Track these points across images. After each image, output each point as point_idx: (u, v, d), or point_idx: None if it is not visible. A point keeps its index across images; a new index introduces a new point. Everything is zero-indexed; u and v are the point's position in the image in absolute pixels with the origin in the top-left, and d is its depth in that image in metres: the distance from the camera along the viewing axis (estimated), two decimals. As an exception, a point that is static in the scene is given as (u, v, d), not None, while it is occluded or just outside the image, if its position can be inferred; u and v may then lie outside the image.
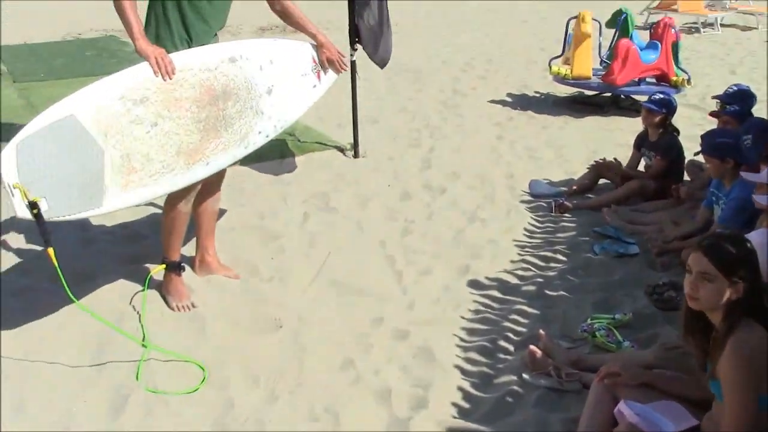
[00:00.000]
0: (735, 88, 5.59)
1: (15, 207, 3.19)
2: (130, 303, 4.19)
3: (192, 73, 3.77)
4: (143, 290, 4.15)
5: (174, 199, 3.93)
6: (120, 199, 3.52)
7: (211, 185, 4.23)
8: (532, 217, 5.36)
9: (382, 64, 6.86)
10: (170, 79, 3.67)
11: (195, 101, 3.76)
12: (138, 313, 4.10)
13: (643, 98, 6.54)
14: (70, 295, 3.45)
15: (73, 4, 22.10)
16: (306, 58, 4.39)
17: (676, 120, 5.83)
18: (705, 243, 2.54)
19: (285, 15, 4.42)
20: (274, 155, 6.63)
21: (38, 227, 3.27)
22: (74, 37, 15.94)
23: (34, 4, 22.31)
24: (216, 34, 4.13)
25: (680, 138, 5.70)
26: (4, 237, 5.08)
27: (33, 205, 3.19)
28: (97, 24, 17.49)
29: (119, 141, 3.49)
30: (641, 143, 5.85)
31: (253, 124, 4.02)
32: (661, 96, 5.69)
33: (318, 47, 4.43)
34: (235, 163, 4.18)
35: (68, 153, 3.36)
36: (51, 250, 3.32)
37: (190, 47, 3.91)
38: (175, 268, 4.17)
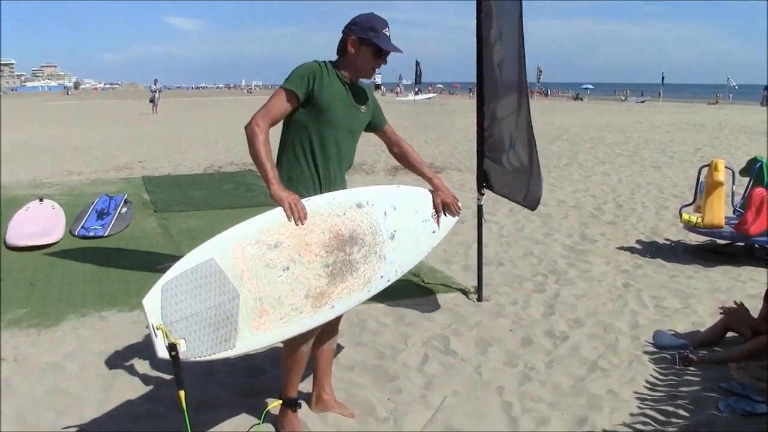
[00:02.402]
0: None
1: (156, 347, 3.30)
2: (246, 436, 4.29)
3: (322, 219, 3.94)
4: (259, 423, 4.27)
5: (296, 339, 4.01)
6: (251, 341, 3.66)
7: (330, 325, 4.32)
8: (654, 369, 5.20)
9: (532, 205, 6.89)
10: (302, 224, 3.84)
11: (324, 246, 3.91)
12: (252, 446, 4.18)
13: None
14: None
15: (219, 138, 23.42)
16: (427, 204, 4.55)
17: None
18: None
19: (402, 158, 4.68)
20: (399, 296, 6.71)
21: (173, 368, 3.38)
22: (215, 170, 16.90)
23: (187, 136, 23.74)
24: (344, 175, 4.32)
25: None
26: (131, 362, 5.35)
27: (172, 347, 3.30)
28: (237, 158, 18.44)
29: (253, 284, 3.64)
30: (773, 296, 5.66)
31: (377, 268, 4.15)
32: (793, 249, 5.54)
33: (434, 190, 4.60)
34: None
35: (206, 295, 3.50)
36: (182, 393, 3.39)
37: (320, 189, 4.11)
38: (291, 404, 4.26)
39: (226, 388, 4.94)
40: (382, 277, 4.18)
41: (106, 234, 9.68)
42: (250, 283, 3.63)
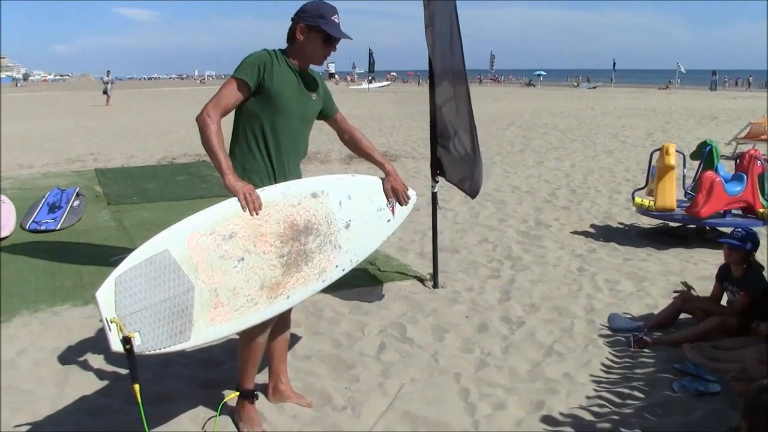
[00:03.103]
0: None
1: (110, 341, 3.25)
2: (203, 427, 4.26)
3: (277, 209, 3.91)
4: (216, 416, 4.24)
5: (252, 330, 3.97)
6: (207, 333, 3.61)
7: (283, 315, 4.30)
8: (610, 352, 5.27)
9: (474, 194, 6.94)
10: (257, 214, 3.81)
11: (279, 236, 3.88)
12: (210, 438, 4.15)
13: (728, 230, 6.39)
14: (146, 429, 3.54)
15: (173, 129, 23.15)
16: (381, 193, 4.55)
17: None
18: None
19: (353, 145, 4.68)
20: (355, 284, 6.72)
21: (128, 362, 3.34)
22: (168, 161, 16.73)
23: (140, 128, 23.44)
24: (298, 164, 4.30)
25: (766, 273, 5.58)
26: (86, 356, 5.27)
27: (126, 341, 3.26)
28: (191, 149, 18.28)
29: (208, 276, 3.59)
30: (724, 277, 5.73)
31: (332, 258, 4.13)
32: (743, 231, 5.62)
33: (385, 176, 4.59)
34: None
35: (161, 287, 3.45)
36: (137, 387, 3.35)
37: (275, 179, 4.07)
38: (248, 396, 4.24)
39: (183, 380, 4.90)
40: (337, 266, 4.16)
41: (58, 227, 9.53)
42: (204, 274, 3.59)
